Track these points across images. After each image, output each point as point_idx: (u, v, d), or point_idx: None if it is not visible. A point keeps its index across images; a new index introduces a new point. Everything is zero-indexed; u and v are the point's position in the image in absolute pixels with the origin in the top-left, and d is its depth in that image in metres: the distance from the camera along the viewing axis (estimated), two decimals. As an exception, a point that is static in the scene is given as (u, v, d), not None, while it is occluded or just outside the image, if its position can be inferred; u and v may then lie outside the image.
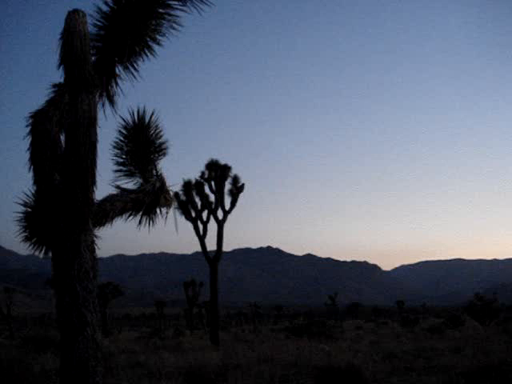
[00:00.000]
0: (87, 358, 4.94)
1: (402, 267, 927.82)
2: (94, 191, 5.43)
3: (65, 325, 5.03)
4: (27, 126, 5.98)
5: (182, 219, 26.16)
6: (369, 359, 14.46)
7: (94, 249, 5.45)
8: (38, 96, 6.27)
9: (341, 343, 22.67)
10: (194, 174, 27.08)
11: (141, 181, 6.99)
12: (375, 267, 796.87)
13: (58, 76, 5.76)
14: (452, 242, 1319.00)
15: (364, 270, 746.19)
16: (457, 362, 12.95)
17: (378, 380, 11.74)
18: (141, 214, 6.84)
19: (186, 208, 26.47)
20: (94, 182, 5.39)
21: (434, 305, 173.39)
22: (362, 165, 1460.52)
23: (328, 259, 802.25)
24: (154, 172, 7.11)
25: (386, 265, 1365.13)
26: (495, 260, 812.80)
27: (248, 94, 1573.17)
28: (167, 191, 7.11)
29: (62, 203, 5.25)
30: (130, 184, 6.97)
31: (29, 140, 5.88)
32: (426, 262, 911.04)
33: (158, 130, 7.13)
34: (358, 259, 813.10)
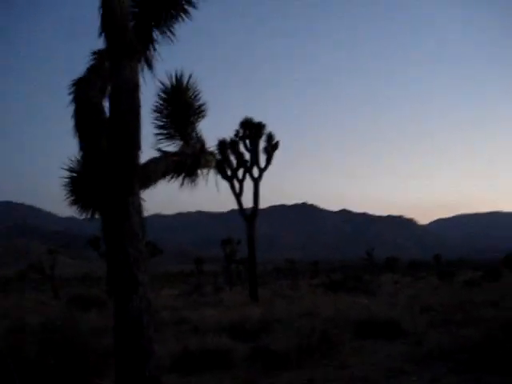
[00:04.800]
0: (141, 314, 5.20)
1: (439, 221, 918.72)
2: (139, 155, 5.60)
3: (118, 284, 5.28)
4: (70, 93, 6.12)
5: (217, 178, 26.35)
6: (407, 312, 14.63)
7: (142, 211, 5.65)
8: (80, 64, 6.40)
9: (378, 297, 22.90)
10: (228, 133, 27.20)
11: (181, 143, 7.13)
12: (411, 221, 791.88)
13: (98, 43, 5.87)
14: (489, 194, 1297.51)
15: (400, 224, 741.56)
16: (495, 314, 13.01)
17: (417, 332, 11.89)
18: (183, 175, 7.01)
19: (221, 167, 26.65)
20: (139, 147, 5.55)
21: (471, 258, 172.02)
22: (397, 115, 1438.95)
23: (364, 214, 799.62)
24: (194, 134, 7.23)
25: (423, 218, 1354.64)
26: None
27: (280, 51, 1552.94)
28: (207, 152, 7.25)
29: (109, 167, 5.43)
30: (170, 147, 7.13)
31: (72, 108, 6.02)
32: (464, 215, 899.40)
33: (196, 93, 7.22)
34: (393, 213, 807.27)
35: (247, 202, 27.23)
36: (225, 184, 26.96)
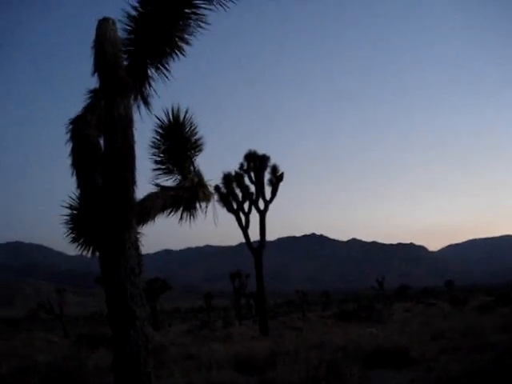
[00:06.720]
0: (138, 350, 5.17)
1: (450, 247, 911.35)
2: (134, 190, 5.65)
3: (115, 320, 5.27)
4: (67, 132, 6.21)
5: (224, 211, 26.43)
6: (417, 340, 14.47)
7: (139, 246, 5.66)
8: (76, 102, 6.50)
9: (389, 326, 22.67)
10: (233, 167, 27.35)
11: (179, 177, 7.20)
12: (422, 248, 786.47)
13: (94, 82, 5.98)
14: (500, 218, 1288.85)
15: (411, 252, 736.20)
16: (505, 340, 12.85)
17: (427, 360, 11.75)
18: (181, 209, 7.05)
19: (227, 200, 26.76)
20: (134, 182, 5.61)
21: (484, 283, 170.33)
22: (404, 144, 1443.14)
23: (373, 243, 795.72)
24: (192, 168, 7.30)
25: (433, 245, 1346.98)
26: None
27: (282, 83, 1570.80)
28: (205, 186, 7.29)
29: (105, 204, 5.48)
30: (169, 181, 7.20)
31: (70, 146, 6.10)
32: (474, 240, 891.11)
33: (192, 127, 7.30)
34: (403, 241, 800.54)
35: (255, 234, 27.23)
36: (232, 217, 27.04)
